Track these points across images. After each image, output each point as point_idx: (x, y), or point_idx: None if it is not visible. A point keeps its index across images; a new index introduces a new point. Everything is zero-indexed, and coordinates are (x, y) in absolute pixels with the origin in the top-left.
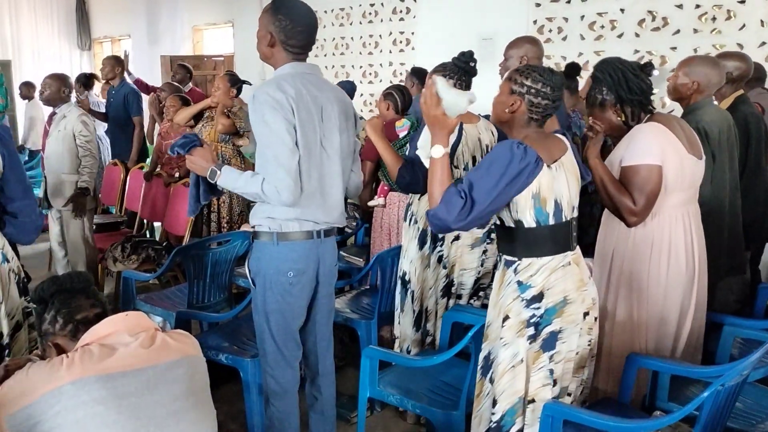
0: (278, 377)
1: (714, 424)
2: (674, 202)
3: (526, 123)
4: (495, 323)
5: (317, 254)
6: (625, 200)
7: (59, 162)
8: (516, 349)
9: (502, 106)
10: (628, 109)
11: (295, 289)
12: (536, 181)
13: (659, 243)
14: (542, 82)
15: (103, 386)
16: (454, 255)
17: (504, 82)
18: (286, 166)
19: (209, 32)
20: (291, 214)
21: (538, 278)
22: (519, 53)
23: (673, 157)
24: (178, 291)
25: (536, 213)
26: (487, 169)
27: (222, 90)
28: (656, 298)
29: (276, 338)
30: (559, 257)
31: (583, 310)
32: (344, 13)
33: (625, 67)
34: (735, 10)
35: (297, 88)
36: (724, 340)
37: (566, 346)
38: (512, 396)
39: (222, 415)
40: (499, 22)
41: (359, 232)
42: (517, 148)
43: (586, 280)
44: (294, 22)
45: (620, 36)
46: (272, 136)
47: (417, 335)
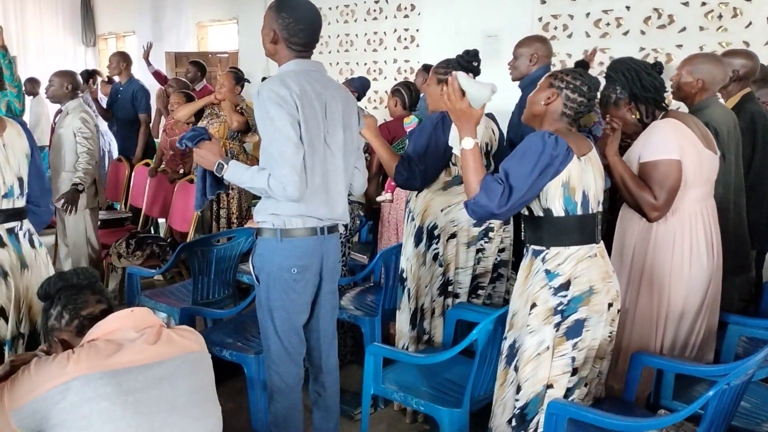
0: (282, 374)
1: (719, 423)
2: (694, 196)
3: (559, 117)
4: (521, 312)
5: (321, 251)
6: (646, 196)
7: (59, 159)
8: (543, 337)
9: (538, 99)
10: (642, 106)
11: (298, 285)
12: (566, 171)
13: (681, 239)
14: (581, 81)
15: (108, 382)
16: (449, 253)
17: (545, 79)
18: (291, 162)
19: (214, 29)
20: (295, 210)
21: (566, 267)
22: (529, 51)
23: (691, 152)
24: (182, 287)
25: (565, 202)
26: (521, 158)
27: (227, 87)
28: (678, 294)
29: (280, 335)
30: (586, 248)
31: (608, 300)
32: (349, 10)
33: (638, 66)
34: (741, 7)
35: (301, 85)
36: (729, 339)
37: (590, 334)
38: (537, 384)
39: (226, 412)
40: (504, 20)
41: (363, 230)
42: (549, 137)
43: (610, 272)
44: (297, 20)
45: (626, 33)
46: (277, 132)
47: (413, 333)
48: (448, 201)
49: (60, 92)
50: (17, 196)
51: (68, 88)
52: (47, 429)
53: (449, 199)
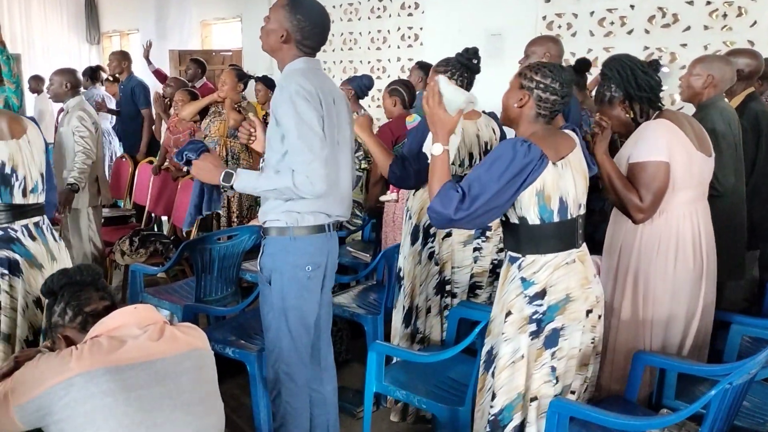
0: (293, 374)
1: (721, 423)
2: (682, 199)
3: (534, 119)
4: (498, 319)
5: (328, 248)
6: (632, 197)
7: (61, 158)
8: (517, 345)
9: (510, 100)
10: (636, 105)
11: (312, 283)
12: (540, 179)
13: (666, 240)
14: (551, 78)
15: (111, 378)
16: (445, 252)
17: (514, 78)
18: (321, 156)
19: (218, 27)
20: (311, 206)
21: (542, 275)
22: (542, 50)
23: (681, 154)
24: (185, 285)
25: (540, 210)
26: (489, 166)
27: (229, 85)
28: (663, 296)
29: (293, 335)
30: (564, 254)
31: (586, 307)
32: (353, 9)
33: (634, 64)
34: (746, 6)
35: (317, 82)
36: (732, 339)
37: (568, 343)
38: (511, 391)
39: (228, 409)
40: (508, 18)
41: (366, 228)
42: (521, 146)
43: (590, 278)
44: (313, 23)
45: (630, 32)
46: (305, 126)
47: (406, 331)
48: None
49: (60, 91)
50: (41, 191)
51: (68, 86)
52: (51, 425)
53: None
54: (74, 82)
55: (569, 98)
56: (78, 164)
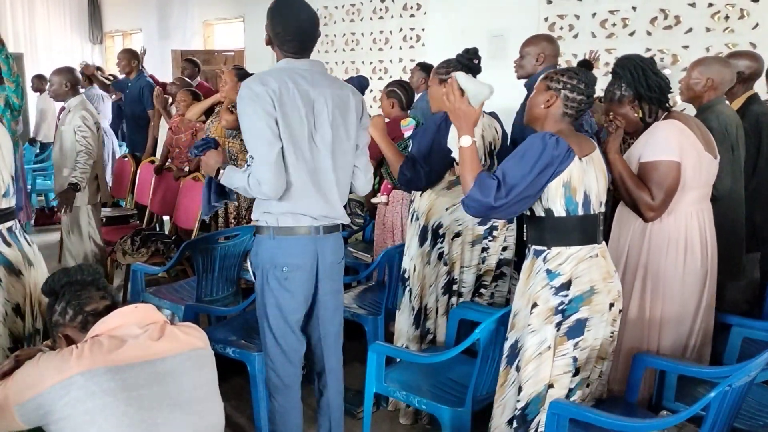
0: (278, 371)
1: (721, 425)
2: (690, 199)
3: (561, 118)
4: (523, 311)
5: (315, 250)
6: (643, 195)
7: (62, 157)
8: (544, 336)
9: (537, 101)
10: (645, 105)
11: (289, 284)
12: (567, 171)
13: (676, 240)
14: (577, 79)
15: (112, 378)
16: (455, 252)
17: (540, 82)
18: (265, 159)
19: (220, 27)
20: (284, 208)
21: (567, 266)
22: (536, 50)
23: (691, 155)
24: (186, 285)
25: (566, 202)
26: (521, 158)
27: (229, 85)
28: (673, 296)
29: (275, 332)
30: (587, 248)
31: (609, 300)
32: (355, 9)
33: (645, 65)
34: (748, 9)
35: (282, 83)
36: (733, 341)
37: (592, 334)
38: (538, 383)
39: (229, 409)
40: (510, 19)
41: (367, 229)
42: (549, 138)
43: (612, 272)
44: (285, 29)
45: (632, 34)
46: (252, 128)
47: (416, 333)
48: (453, 200)
49: (61, 90)
50: (12, 194)
51: (67, 85)
52: (51, 423)
53: (454, 198)
54: (74, 81)
55: (593, 98)
56: (80, 163)
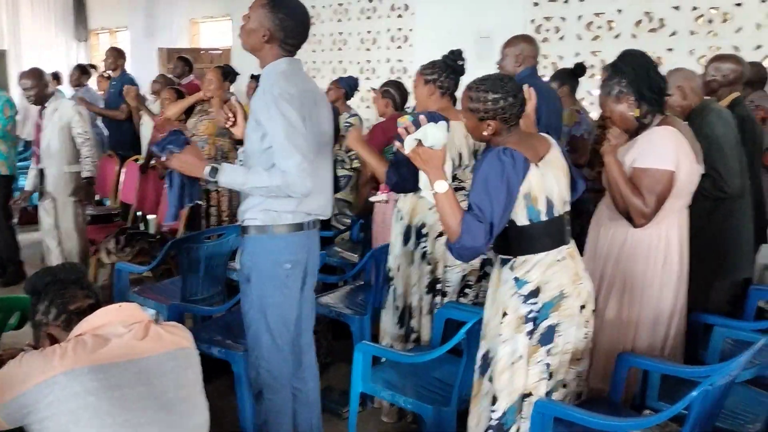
0: (274, 370)
1: (703, 424)
2: (675, 207)
3: (507, 131)
4: (493, 321)
5: (308, 245)
6: (637, 202)
7: (60, 155)
8: (515, 346)
9: (478, 132)
10: (644, 106)
11: (290, 281)
12: (526, 182)
13: (656, 245)
14: (501, 97)
15: (95, 377)
16: (438, 252)
17: (467, 113)
18: (308, 156)
19: (207, 25)
20: (290, 205)
21: (534, 274)
22: (515, 52)
23: (685, 164)
24: (171, 284)
25: (528, 212)
26: (487, 187)
27: (215, 84)
28: (651, 299)
29: (273, 332)
30: (554, 252)
31: (579, 303)
32: (342, 9)
33: (649, 64)
34: (731, 12)
35: (299, 83)
36: (715, 341)
37: (563, 339)
38: (513, 393)
39: (214, 409)
40: (497, 21)
41: (354, 228)
42: (504, 155)
43: (581, 273)
44: (296, 21)
45: (617, 37)
46: (292, 128)
47: (400, 332)
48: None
49: (45, 92)
50: None
51: (48, 86)
52: (34, 423)
53: None
54: (46, 81)
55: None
56: (89, 157)
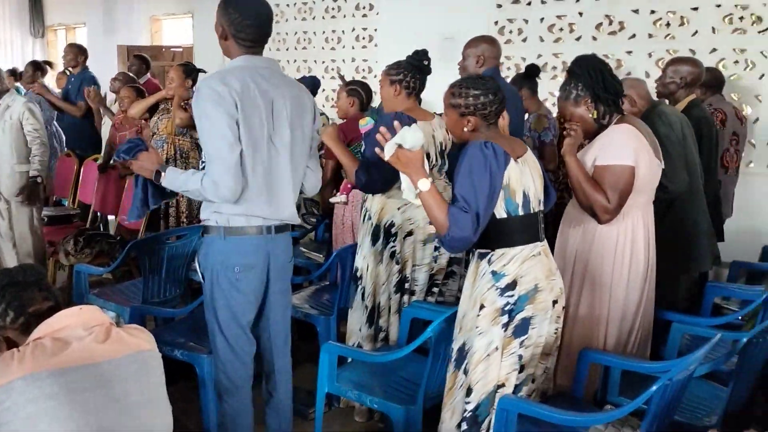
0: (229, 373)
1: (662, 418)
2: (638, 202)
3: (487, 128)
4: (470, 314)
5: (267, 250)
6: (599, 198)
7: (11, 154)
8: (491, 338)
9: (458, 128)
10: (601, 107)
11: (241, 284)
12: (506, 174)
13: (623, 242)
14: (481, 93)
15: (55, 381)
16: (407, 251)
17: (448, 109)
18: (226, 162)
19: (168, 22)
20: (237, 209)
21: (511, 267)
22: (476, 52)
23: (644, 160)
24: (132, 286)
25: (507, 204)
26: (471, 178)
27: (177, 82)
28: (618, 295)
29: (225, 334)
30: (530, 247)
31: (552, 298)
32: (307, 8)
33: (603, 66)
34: (688, 16)
35: (243, 82)
36: (673, 337)
37: (536, 331)
38: (487, 385)
39: (177, 412)
40: (461, 22)
41: (319, 228)
42: (486, 147)
43: (554, 270)
44: (243, 15)
45: (578, 39)
46: (212, 130)
47: (370, 331)
48: (405, 200)
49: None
50: None
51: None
52: None
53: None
54: (2, 77)
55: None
56: (38, 156)
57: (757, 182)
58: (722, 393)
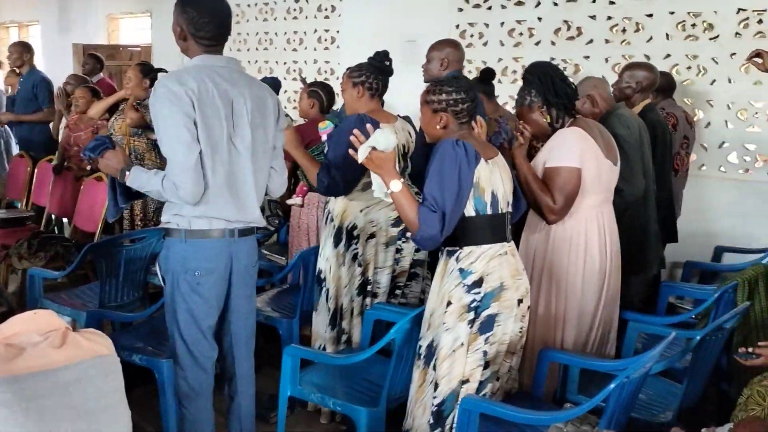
0: (189, 379)
1: (619, 415)
2: (590, 203)
3: (459, 127)
4: (438, 311)
5: (229, 254)
6: (546, 199)
7: None
8: (457, 334)
9: (432, 125)
10: (553, 111)
11: (202, 288)
12: (476, 173)
13: (576, 241)
14: (455, 91)
15: (8, 388)
16: (368, 253)
17: (423, 106)
18: (183, 163)
19: (126, 21)
20: (197, 211)
21: (478, 264)
22: (440, 56)
23: (591, 161)
24: (88, 290)
25: (475, 202)
26: (441, 177)
27: (134, 81)
28: (575, 294)
29: (186, 338)
30: (497, 246)
31: (517, 296)
32: (268, 8)
33: (554, 72)
34: (643, 23)
35: (201, 81)
36: (629, 336)
37: (501, 329)
38: (452, 380)
39: (136, 417)
40: (423, 25)
41: (282, 231)
42: (457, 146)
43: (520, 270)
44: (201, 13)
45: (537, 44)
46: (169, 131)
47: (332, 333)
48: (367, 202)
49: None
50: None
51: None
52: None
53: (368, 199)
54: None
55: (477, 98)
56: None
57: (709, 185)
58: (677, 390)
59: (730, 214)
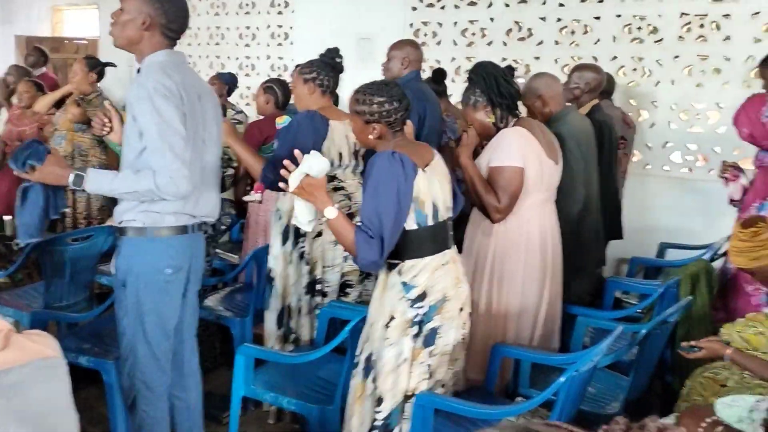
0: (150, 381)
1: (569, 408)
2: (532, 202)
3: (392, 136)
4: (378, 324)
5: (191, 250)
6: (491, 199)
7: None
8: (401, 348)
9: (364, 136)
10: (497, 111)
11: (171, 286)
12: (415, 186)
13: (517, 240)
14: (386, 100)
15: None
16: (316, 252)
17: (353, 116)
18: (182, 157)
19: (71, 13)
20: (172, 207)
21: (421, 278)
22: (401, 55)
23: (533, 161)
24: (32, 290)
25: (417, 216)
26: (377, 200)
27: (79, 76)
28: (515, 291)
29: (150, 341)
30: (439, 256)
31: (458, 305)
32: (220, 2)
33: (498, 72)
34: (591, 25)
35: (183, 76)
36: (578, 330)
37: (443, 341)
38: (397, 395)
39: (83, 420)
40: (377, 23)
41: (234, 229)
42: (393, 158)
43: (461, 277)
44: (174, 4)
45: (490, 44)
46: (165, 125)
47: (279, 332)
48: None
49: None
50: None
51: None
52: None
53: None
54: None
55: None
56: None
57: (654, 183)
58: (624, 382)
59: (673, 211)
